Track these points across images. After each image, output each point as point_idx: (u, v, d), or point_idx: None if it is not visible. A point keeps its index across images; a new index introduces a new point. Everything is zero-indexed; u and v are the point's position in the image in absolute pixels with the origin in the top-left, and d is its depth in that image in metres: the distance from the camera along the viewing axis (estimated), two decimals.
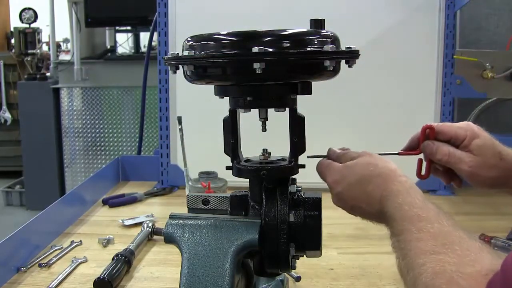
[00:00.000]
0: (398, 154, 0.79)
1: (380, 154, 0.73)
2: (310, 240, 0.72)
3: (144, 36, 3.76)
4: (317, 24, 0.70)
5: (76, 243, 1.20)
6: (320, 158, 0.76)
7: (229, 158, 0.75)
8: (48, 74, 3.90)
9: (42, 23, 4.32)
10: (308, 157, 0.75)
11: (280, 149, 0.77)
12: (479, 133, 0.75)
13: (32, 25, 4.33)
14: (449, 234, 0.54)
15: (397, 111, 1.63)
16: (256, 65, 0.62)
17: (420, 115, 1.63)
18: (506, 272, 0.43)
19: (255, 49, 0.62)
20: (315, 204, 0.73)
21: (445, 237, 0.54)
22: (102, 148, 3.71)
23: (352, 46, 0.70)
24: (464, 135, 0.74)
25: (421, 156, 0.79)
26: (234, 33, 0.66)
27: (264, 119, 0.75)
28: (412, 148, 0.79)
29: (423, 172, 0.79)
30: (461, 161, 0.73)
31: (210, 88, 0.74)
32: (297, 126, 0.73)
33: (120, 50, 3.82)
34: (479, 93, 1.66)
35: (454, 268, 0.48)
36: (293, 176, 0.75)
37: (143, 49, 3.77)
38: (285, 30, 0.67)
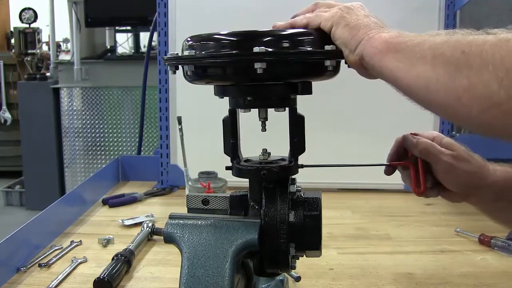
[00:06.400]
0: (389, 165, 0.80)
1: (368, 165, 0.73)
2: (310, 240, 0.72)
3: (144, 36, 3.77)
4: None
5: (76, 243, 1.20)
6: None
7: (229, 158, 0.75)
8: (48, 74, 3.91)
9: (42, 23, 4.33)
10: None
11: (280, 149, 0.77)
12: (444, 136, 0.80)
13: (32, 25, 4.34)
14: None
15: (397, 111, 1.62)
16: (257, 65, 0.62)
17: (420, 114, 1.61)
18: None
19: (256, 49, 0.62)
20: (315, 204, 0.72)
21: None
22: (102, 148, 3.72)
23: None
24: (431, 137, 0.79)
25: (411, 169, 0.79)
26: (234, 33, 0.66)
27: (264, 119, 0.75)
28: (398, 158, 0.80)
29: (419, 185, 0.78)
30: (441, 153, 0.76)
31: (210, 88, 0.74)
32: (297, 126, 0.72)
33: (120, 50, 3.83)
34: None
35: None
36: (293, 176, 0.75)
37: (143, 49, 3.77)
38: (285, 30, 0.67)
